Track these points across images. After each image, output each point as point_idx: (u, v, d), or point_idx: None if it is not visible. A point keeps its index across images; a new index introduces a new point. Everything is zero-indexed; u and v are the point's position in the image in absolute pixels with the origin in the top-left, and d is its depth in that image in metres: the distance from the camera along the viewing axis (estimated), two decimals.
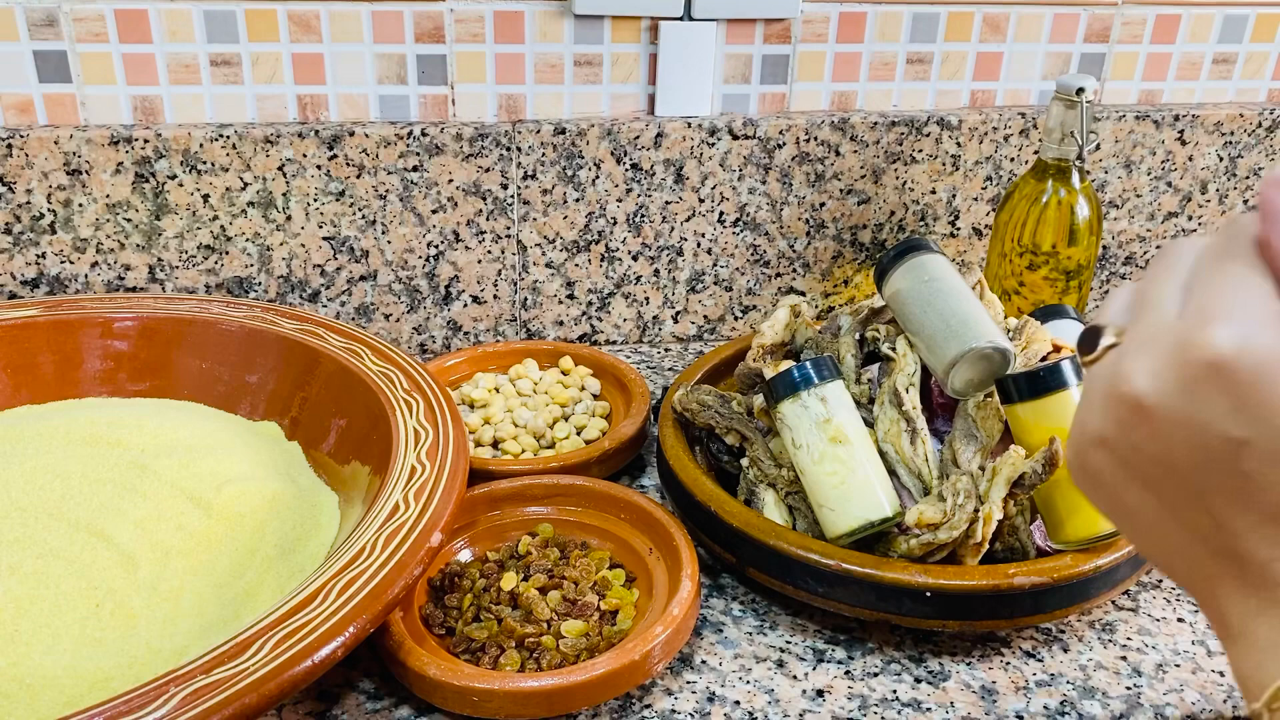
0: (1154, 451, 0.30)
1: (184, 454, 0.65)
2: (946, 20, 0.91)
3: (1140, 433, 0.30)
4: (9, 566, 0.56)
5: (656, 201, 0.90)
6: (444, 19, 0.84)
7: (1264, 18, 0.97)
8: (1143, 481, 0.31)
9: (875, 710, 0.56)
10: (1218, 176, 0.99)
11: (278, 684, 0.45)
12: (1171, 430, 0.29)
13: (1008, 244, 0.85)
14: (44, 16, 0.78)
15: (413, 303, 0.90)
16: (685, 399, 0.71)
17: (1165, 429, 0.29)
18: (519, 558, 0.64)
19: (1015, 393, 0.62)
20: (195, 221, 0.84)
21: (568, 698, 0.53)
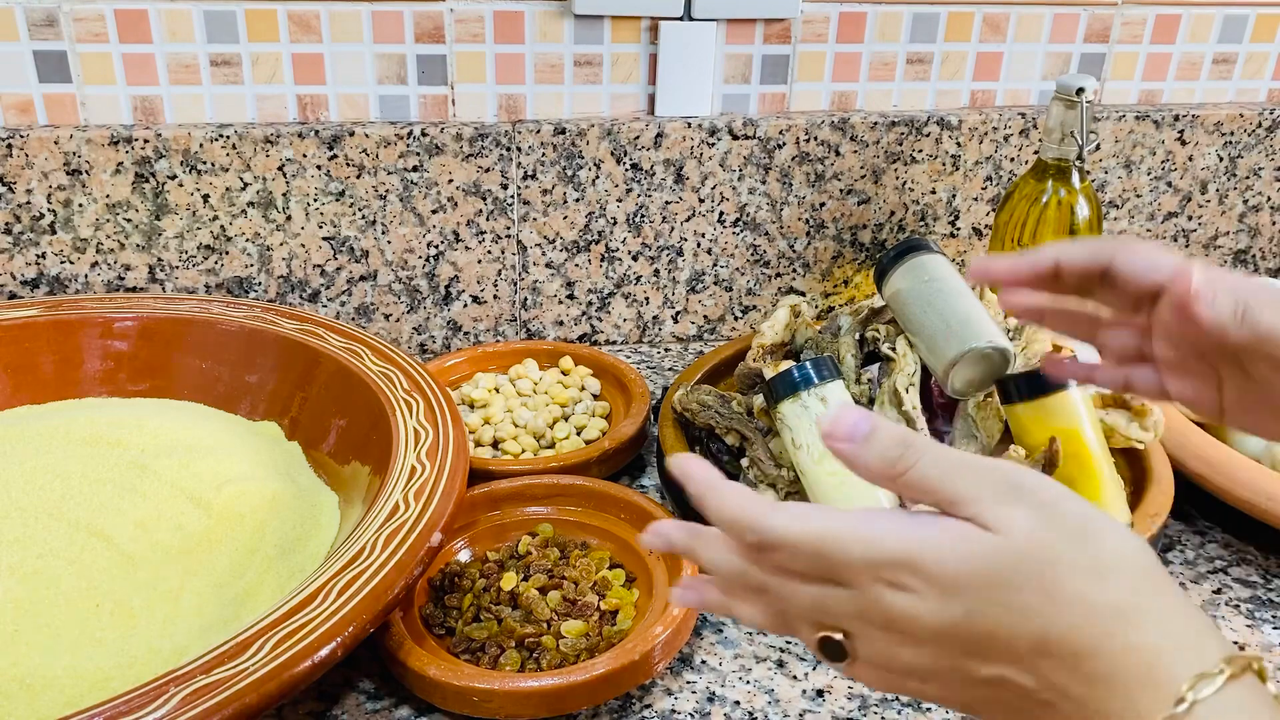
0: (921, 653, 0.35)
1: (184, 454, 0.65)
2: (946, 20, 0.91)
3: (905, 650, 0.36)
4: (9, 566, 0.56)
5: (656, 201, 0.90)
6: (444, 19, 0.84)
7: (1264, 18, 0.97)
8: (942, 682, 0.36)
9: (875, 710, 0.56)
10: (1218, 176, 0.99)
11: (278, 684, 0.45)
12: (921, 630, 0.35)
13: (1008, 244, 0.85)
14: (44, 16, 0.78)
15: (413, 303, 0.90)
16: (685, 399, 0.71)
17: (918, 632, 0.35)
18: (519, 558, 0.64)
19: (1015, 393, 0.62)
20: (195, 221, 0.84)
21: (568, 698, 0.53)
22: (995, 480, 0.35)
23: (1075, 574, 0.33)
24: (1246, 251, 1.04)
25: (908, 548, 0.34)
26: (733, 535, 0.38)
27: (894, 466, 0.36)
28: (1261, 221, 1.02)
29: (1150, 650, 0.32)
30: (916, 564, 0.34)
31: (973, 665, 0.35)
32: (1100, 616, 0.33)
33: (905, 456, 0.36)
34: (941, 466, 0.35)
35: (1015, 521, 0.34)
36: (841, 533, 0.35)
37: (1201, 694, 0.31)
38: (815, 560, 0.36)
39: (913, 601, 0.34)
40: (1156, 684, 0.31)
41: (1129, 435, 0.67)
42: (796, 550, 0.36)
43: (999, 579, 0.33)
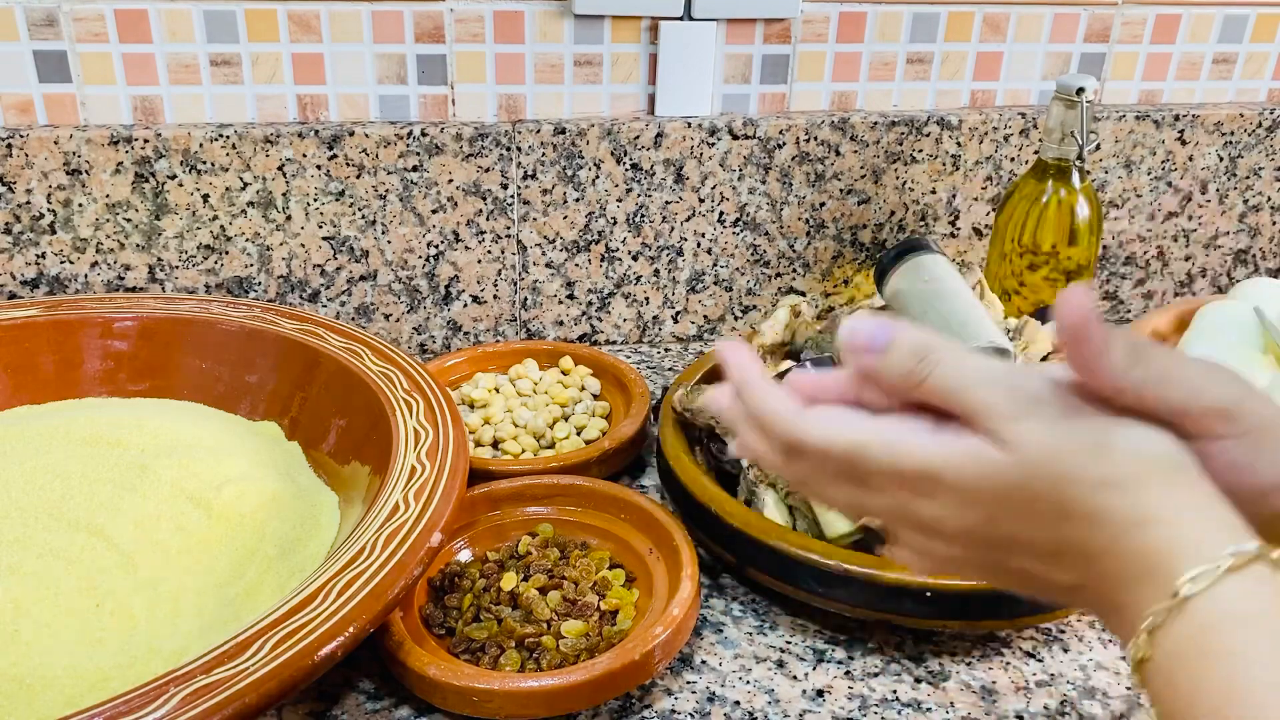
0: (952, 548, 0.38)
1: (184, 454, 0.65)
2: (946, 20, 0.91)
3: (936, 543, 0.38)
4: (9, 566, 0.56)
5: (656, 201, 0.90)
6: (444, 19, 0.84)
7: (1264, 18, 0.97)
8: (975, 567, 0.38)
9: (875, 710, 0.56)
10: (1218, 176, 0.99)
11: (278, 684, 0.45)
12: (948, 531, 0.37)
13: (1008, 244, 0.85)
14: (44, 16, 0.78)
15: (413, 303, 0.90)
16: (685, 399, 0.71)
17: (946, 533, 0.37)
18: (519, 558, 0.64)
19: None
20: (195, 221, 0.84)
21: (568, 698, 0.53)
22: (1011, 393, 0.36)
23: (1086, 488, 0.34)
24: (1246, 251, 1.04)
25: (929, 462, 0.36)
26: (768, 435, 0.39)
27: (912, 375, 0.37)
28: (1261, 221, 1.02)
29: (1156, 550, 0.33)
30: (937, 477, 0.36)
31: (1000, 557, 0.37)
32: (1111, 526, 0.34)
33: (923, 365, 0.36)
34: (958, 378, 0.36)
35: (1028, 437, 0.35)
36: (869, 444, 0.37)
37: (1197, 587, 0.31)
38: (844, 466, 0.38)
39: (937, 507, 0.36)
40: (1158, 580, 0.32)
41: None
42: (826, 457, 0.38)
43: (1012, 494, 0.35)
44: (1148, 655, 0.32)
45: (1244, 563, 0.32)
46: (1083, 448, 0.34)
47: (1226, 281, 1.05)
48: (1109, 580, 0.34)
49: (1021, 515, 0.35)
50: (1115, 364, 0.34)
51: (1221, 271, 1.04)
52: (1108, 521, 0.34)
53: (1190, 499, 0.34)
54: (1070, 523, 0.34)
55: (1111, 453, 0.34)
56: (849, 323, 0.38)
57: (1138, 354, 0.35)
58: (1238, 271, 1.04)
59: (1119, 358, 0.34)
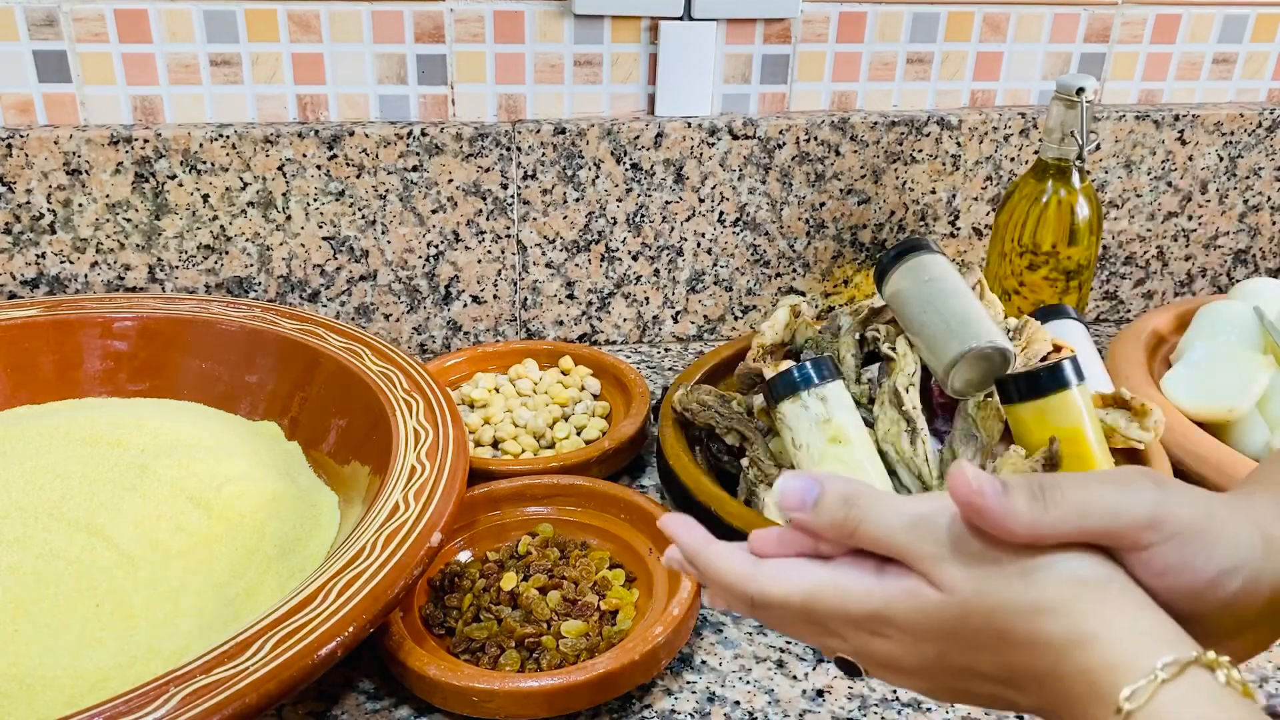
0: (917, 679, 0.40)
1: (184, 454, 0.65)
2: (946, 20, 0.91)
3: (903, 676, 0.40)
4: (9, 566, 0.56)
5: (656, 201, 0.90)
6: (444, 19, 0.84)
7: (1264, 18, 0.97)
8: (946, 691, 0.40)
9: (875, 710, 0.56)
10: (1218, 176, 0.99)
11: (278, 684, 0.45)
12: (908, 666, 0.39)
13: (1008, 244, 0.85)
14: (44, 16, 0.78)
15: (413, 303, 0.90)
16: (685, 399, 0.71)
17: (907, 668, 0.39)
18: (519, 558, 0.64)
19: (1015, 393, 0.62)
20: (195, 221, 0.84)
21: (568, 698, 0.53)
22: (935, 535, 0.37)
23: (1019, 617, 0.35)
24: (1246, 251, 1.04)
25: (876, 607, 0.38)
26: (725, 599, 0.42)
27: (842, 527, 0.39)
28: (1261, 221, 1.02)
29: (1095, 669, 0.34)
30: (886, 618, 0.38)
31: (962, 684, 0.39)
32: (1050, 650, 0.35)
33: (851, 516, 0.39)
34: (882, 526, 0.38)
35: (955, 578, 0.36)
36: (820, 592, 0.39)
37: (1136, 703, 0.33)
38: (803, 614, 0.40)
39: (892, 647, 0.38)
40: (1102, 699, 0.34)
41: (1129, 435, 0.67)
42: (785, 609, 0.40)
43: (955, 631, 0.37)
44: None
45: (1179, 671, 0.33)
46: (1010, 579, 0.36)
47: (1226, 281, 1.05)
48: (1060, 701, 0.35)
49: (968, 648, 0.37)
50: (1023, 520, 0.35)
51: (1221, 271, 1.04)
52: (1046, 646, 0.35)
53: (1120, 612, 0.35)
54: (1014, 650, 0.36)
55: (1038, 579, 0.36)
56: (779, 483, 0.40)
57: (1045, 497, 0.36)
58: (1238, 271, 1.04)
59: (1024, 511, 0.35)
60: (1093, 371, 0.73)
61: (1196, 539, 0.36)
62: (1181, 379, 0.77)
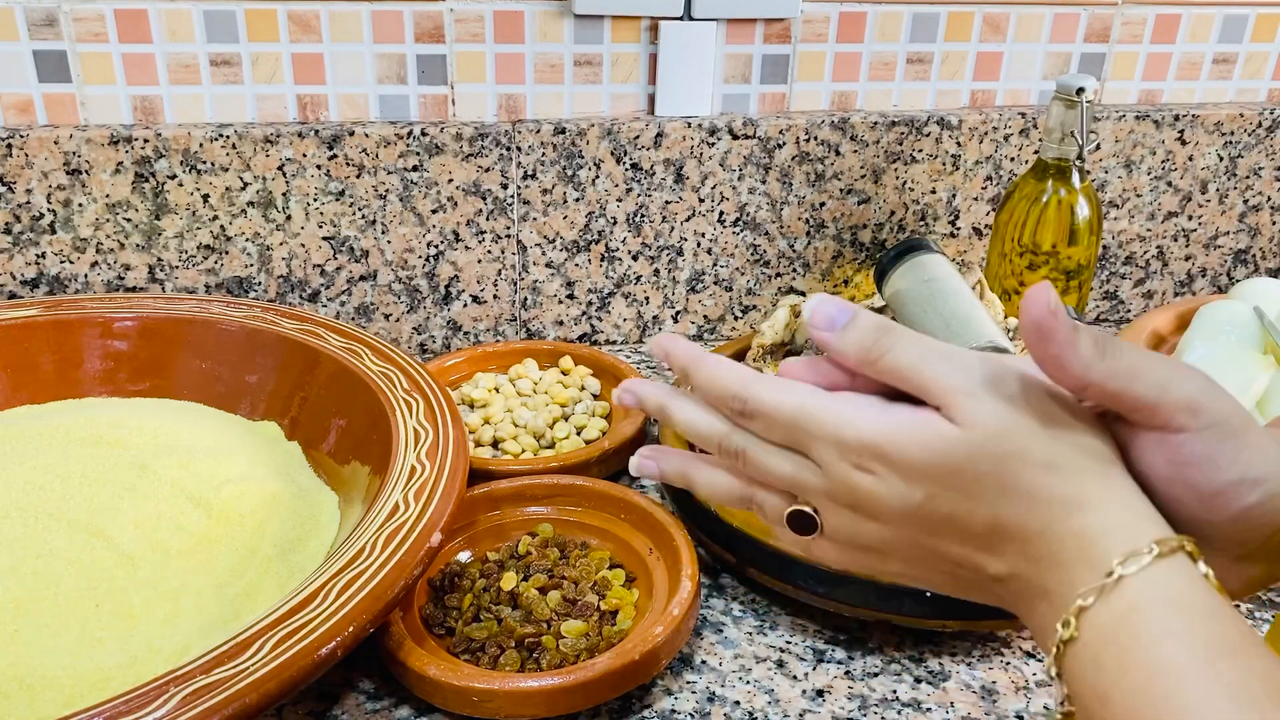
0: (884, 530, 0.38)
1: (184, 454, 0.65)
2: (946, 20, 0.91)
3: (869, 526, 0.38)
4: (9, 566, 0.56)
5: (656, 201, 0.90)
6: (444, 19, 0.84)
7: (1264, 18, 0.97)
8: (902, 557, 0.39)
9: (875, 710, 0.56)
10: (1218, 176, 0.99)
11: (278, 684, 0.45)
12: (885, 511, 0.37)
13: (1008, 244, 0.85)
14: (44, 16, 0.78)
15: (413, 303, 0.90)
16: None
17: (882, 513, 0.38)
18: (519, 558, 0.64)
19: None
20: (195, 221, 0.84)
21: (568, 698, 0.53)
22: (967, 371, 0.37)
23: (1029, 467, 0.35)
24: (1246, 251, 1.04)
25: (875, 434, 0.37)
26: (718, 405, 0.40)
27: (870, 352, 0.38)
28: (1261, 221, 1.02)
29: (1089, 534, 0.35)
30: (882, 451, 0.37)
31: (932, 543, 0.37)
32: (1049, 506, 0.35)
33: (881, 342, 0.38)
34: (916, 354, 0.37)
35: (980, 414, 0.36)
36: (817, 409, 0.38)
37: (1129, 569, 0.33)
38: (790, 430, 0.38)
39: (876, 483, 0.37)
40: (1091, 562, 0.34)
41: None
42: (775, 418, 0.38)
43: (958, 470, 0.36)
44: (1074, 636, 0.34)
45: (1170, 551, 0.34)
46: (1031, 429, 0.36)
47: (1226, 281, 1.05)
48: (1041, 563, 0.35)
49: (963, 492, 0.36)
50: (1081, 358, 0.35)
51: (1221, 271, 1.04)
52: (1046, 501, 0.35)
53: (1121, 492, 0.36)
54: (1010, 500, 0.36)
55: (1057, 437, 0.36)
56: (812, 301, 0.39)
57: (1103, 348, 0.35)
58: (1238, 271, 1.04)
59: (1085, 351, 0.35)
60: None
61: (1230, 437, 0.36)
62: None
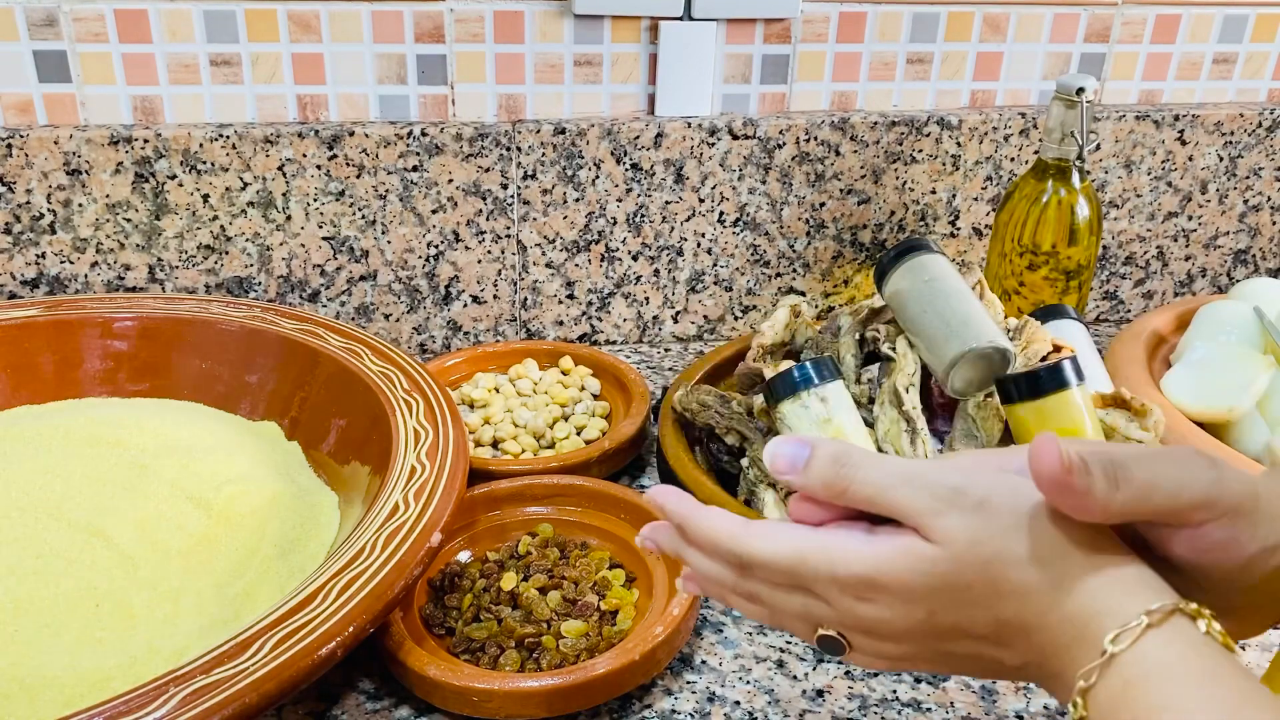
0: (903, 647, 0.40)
1: (184, 454, 0.65)
2: (946, 20, 0.91)
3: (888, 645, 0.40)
4: (9, 566, 0.56)
5: (656, 201, 0.90)
6: (444, 19, 0.84)
7: (1264, 18, 0.97)
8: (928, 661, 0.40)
9: (875, 710, 0.56)
10: (1218, 176, 0.99)
11: (278, 684, 0.45)
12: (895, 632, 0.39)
13: (1008, 244, 0.85)
14: (44, 16, 0.78)
15: (413, 303, 0.90)
16: (685, 399, 0.71)
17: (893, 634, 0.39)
18: (519, 558, 0.64)
19: (1015, 393, 0.62)
20: (195, 221, 0.84)
21: (568, 698, 0.53)
22: (929, 490, 0.38)
23: (1012, 566, 0.36)
24: (1246, 251, 1.04)
25: (865, 568, 0.38)
26: (716, 558, 0.42)
27: (833, 486, 0.39)
28: (1261, 221, 1.02)
29: (1083, 616, 0.35)
30: (876, 581, 0.38)
31: (949, 647, 0.39)
32: (1039, 598, 0.36)
33: (841, 475, 0.39)
34: (875, 482, 0.39)
35: (951, 530, 0.37)
36: (810, 553, 0.39)
37: (1120, 645, 0.34)
38: (791, 577, 0.40)
39: (879, 610, 0.38)
40: (1088, 642, 0.35)
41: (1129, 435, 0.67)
42: (773, 568, 0.40)
43: (947, 585, 0.37)
44: (1085, 715, 0.35)
45: (1163, 617, 0.34)
46: (1003, 530, 0.37)
47: (1226, 281, 1.05)
48: (1046, 651, 0.36)
49: (959, 603, 0.37)
50: (1099, 500, 0.36)
51: (1221, 271, 1.04)
52: (1036, 594, 0.36)
53: (1106, 567, 0.36)
54: (1004, 601, 0.37)
55: (1030, 530, 0.37)
56: (770, 447, 0.41)
57: (1115, 478, 0.36)
58: (1238, 271, 1.04)
59: (1101, 491, 0.36)
60: (1093, 371, 0.73)
61: (1244, 517, 0.37)
62: (1181, 379, 0.77)
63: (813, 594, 0.40)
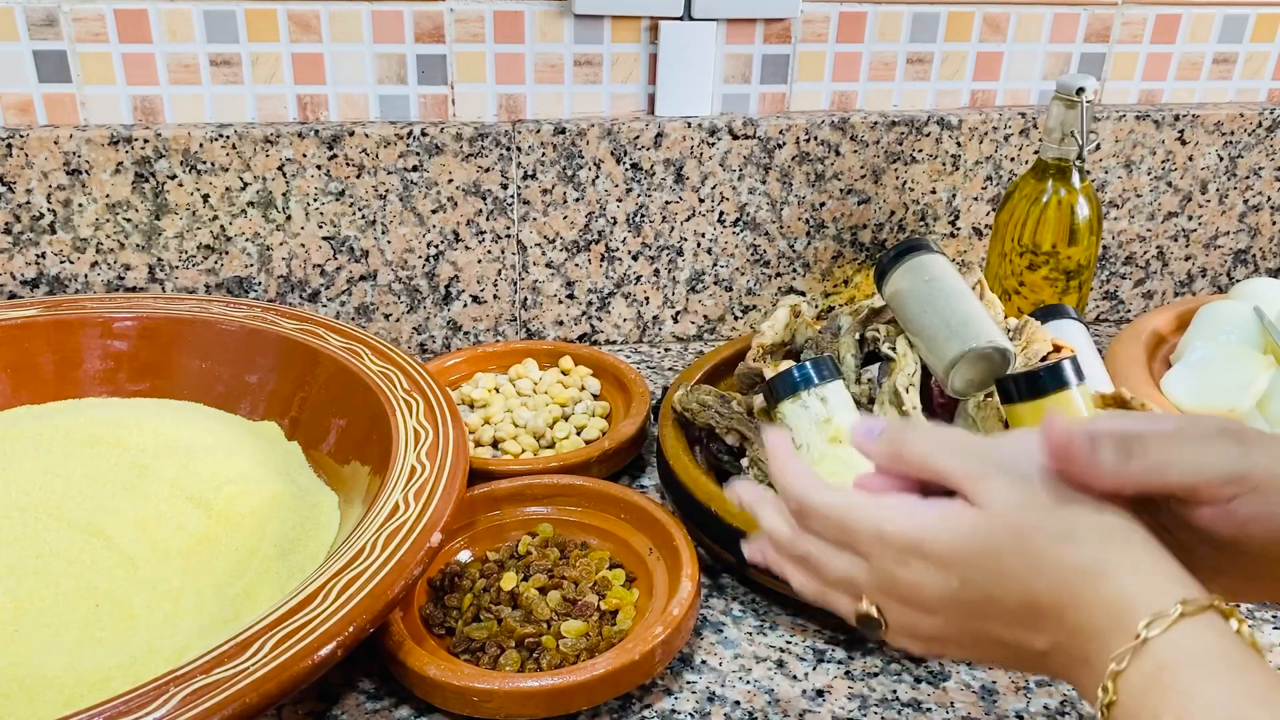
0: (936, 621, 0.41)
1: (184, 454, 0.65)
2: (946, 20, 0.91)
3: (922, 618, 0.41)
4: (9, 566, 0.56)
5: (656, 201, 0.90)
6: (444, 19, 0.84)
7: (1264, 18, 0.97)
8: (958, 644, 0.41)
9: (875, 710, 0.56)
10: (1218, 176, 0.99)
11: (278, 684, 0.45)
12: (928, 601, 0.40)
13: (1008, 244, 0.85)
14: (44, 16, 0.78)
15: (413, 303, 0.90)
16: (685, 399, 0.71)
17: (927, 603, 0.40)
18: (519, 558, 0.64)
19: (1015, 393, 0.61)
20: (195, 221, 0.84)
21: (568, 698, 0.53)
22: (978, 455, 0.40)
23: (1050, 540, 0.37)
24: (1246, 251, 1.04)
25: (909, 528, 0.40)
26: (784, 502, 0.45)
27: (892, 446, 0.42)
28: (1261, 221, 1.02)
29: (1118, 600, 0.36)
30: (916, 544, 0.39)
31: (979, 626, 0.39)
32: (1074, 576, 0.37)
33: (898, 437, 0.42)
34: (926, 445, 0.41)
35: (996, 494, 0.38)
36: (859, 507, 0.41)
37: (1154, 630, 0.34)
38: (839, 530, 0.42)
39: (916, 575, 0.40)
40: (1122, 626, 0.35)
41: None
42: (825, 518, 0.42)
43: (985, 550, 0.38)
44: (1114, 700, 0.35)
45: (1196, 610, 0.35)
46: (1045, 505, 0.38)
47: (1226, 281, 1.05)
48: (1078, 634, 0.37)
49: (993, 573, 0.38)
50: (1106, 468, 0.37)
51: (1221, 271, 1.04)
52: (1072, 572, 0.37)
53: (1146, 555, 0.37)
54: (1038, 576, 0.37)
55: (1072, 511, 0.38)
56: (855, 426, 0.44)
57: (1129, 448, 0.37)
58: (1238, 271, 1.04)
59: (1108, 460, 0.37)
60: (1093, 371, 0.73)
61: (1277, 491, 0.37)
62: (1181, 379, 0.77)
63: (858, 553, 0.41)
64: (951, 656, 0.43)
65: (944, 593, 0.39)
